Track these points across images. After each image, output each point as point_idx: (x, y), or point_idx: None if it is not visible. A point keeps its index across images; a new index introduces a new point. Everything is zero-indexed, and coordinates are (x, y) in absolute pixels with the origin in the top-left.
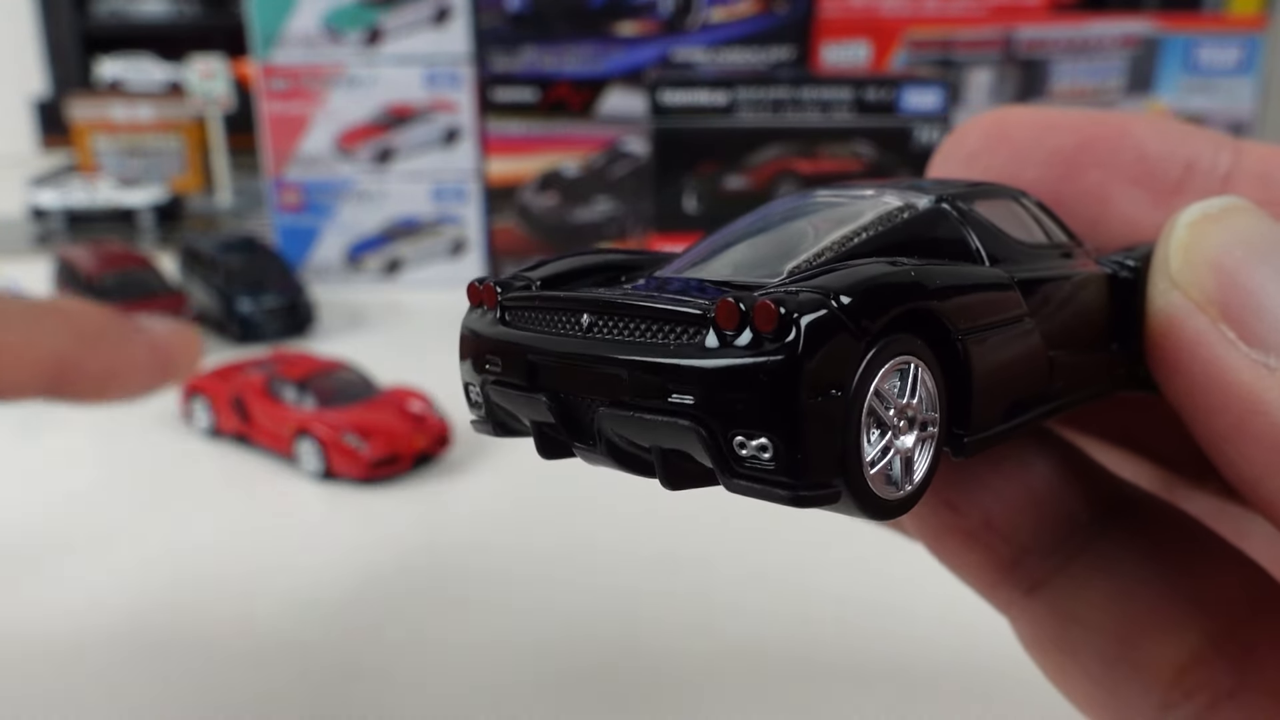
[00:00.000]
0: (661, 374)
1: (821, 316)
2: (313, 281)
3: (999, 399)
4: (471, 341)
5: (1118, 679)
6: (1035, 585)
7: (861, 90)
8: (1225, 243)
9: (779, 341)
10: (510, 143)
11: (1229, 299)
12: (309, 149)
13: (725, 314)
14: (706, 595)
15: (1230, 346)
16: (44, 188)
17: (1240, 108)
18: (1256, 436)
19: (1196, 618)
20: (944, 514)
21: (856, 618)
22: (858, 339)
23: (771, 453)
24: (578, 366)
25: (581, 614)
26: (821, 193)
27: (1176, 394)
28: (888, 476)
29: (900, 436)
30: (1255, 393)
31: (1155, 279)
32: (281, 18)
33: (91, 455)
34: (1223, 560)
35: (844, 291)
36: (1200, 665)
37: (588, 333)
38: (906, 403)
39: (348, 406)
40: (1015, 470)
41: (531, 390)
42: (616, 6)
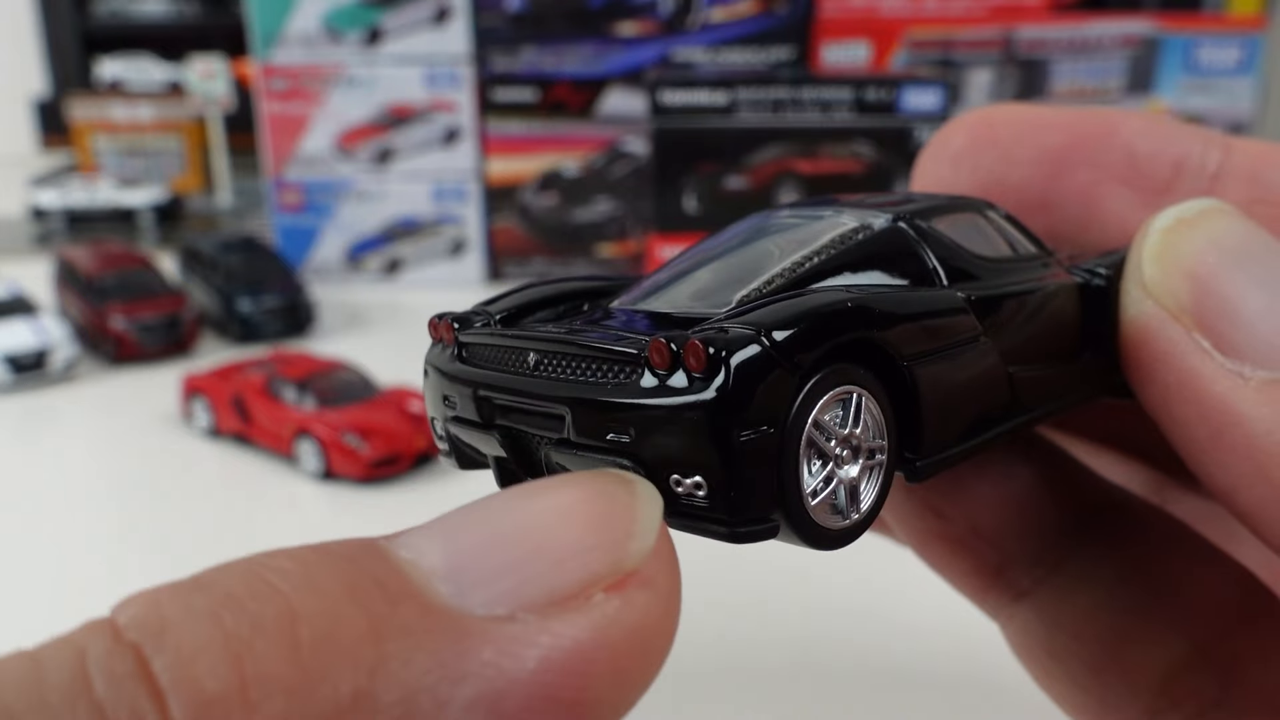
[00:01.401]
0: (600, 413)
1: (752, 355)
2: (313, 281)
3: (951, 422)
4: (432, 377)
5: (1105, 686)
6: (1023, 591)
7: (861, 90)
8: (1200, 249)
9: (708, 381)
10: (510, 143)
11: (1203, 307)
12: (309, 149)
13: (658, 354)
14: (707, 594)
15: (1205, 356)
16: (44, 188)
17: (1240, 108)
18: (1232, 447)
19: (1184, 625)
20: (931, 521)
21: (855, 619)
22: (791, 374)
23: (706, 491)
24: (525, 405)
25: None
26: (783, 213)
27: (1152, 404)
28: (833, 505)
29: (844, 466)
30: (1231, 403)
31: (1128, 287)
32: (281, 18)
33: (91, 455)
34: (1212, 566)
35: (776, 326)
36: (1187, 673)
37: (534, 371)
38: (849, 432)
39: (348, 406)
40: (1001, 477)
41: (484, 427)
42: (616, 6)
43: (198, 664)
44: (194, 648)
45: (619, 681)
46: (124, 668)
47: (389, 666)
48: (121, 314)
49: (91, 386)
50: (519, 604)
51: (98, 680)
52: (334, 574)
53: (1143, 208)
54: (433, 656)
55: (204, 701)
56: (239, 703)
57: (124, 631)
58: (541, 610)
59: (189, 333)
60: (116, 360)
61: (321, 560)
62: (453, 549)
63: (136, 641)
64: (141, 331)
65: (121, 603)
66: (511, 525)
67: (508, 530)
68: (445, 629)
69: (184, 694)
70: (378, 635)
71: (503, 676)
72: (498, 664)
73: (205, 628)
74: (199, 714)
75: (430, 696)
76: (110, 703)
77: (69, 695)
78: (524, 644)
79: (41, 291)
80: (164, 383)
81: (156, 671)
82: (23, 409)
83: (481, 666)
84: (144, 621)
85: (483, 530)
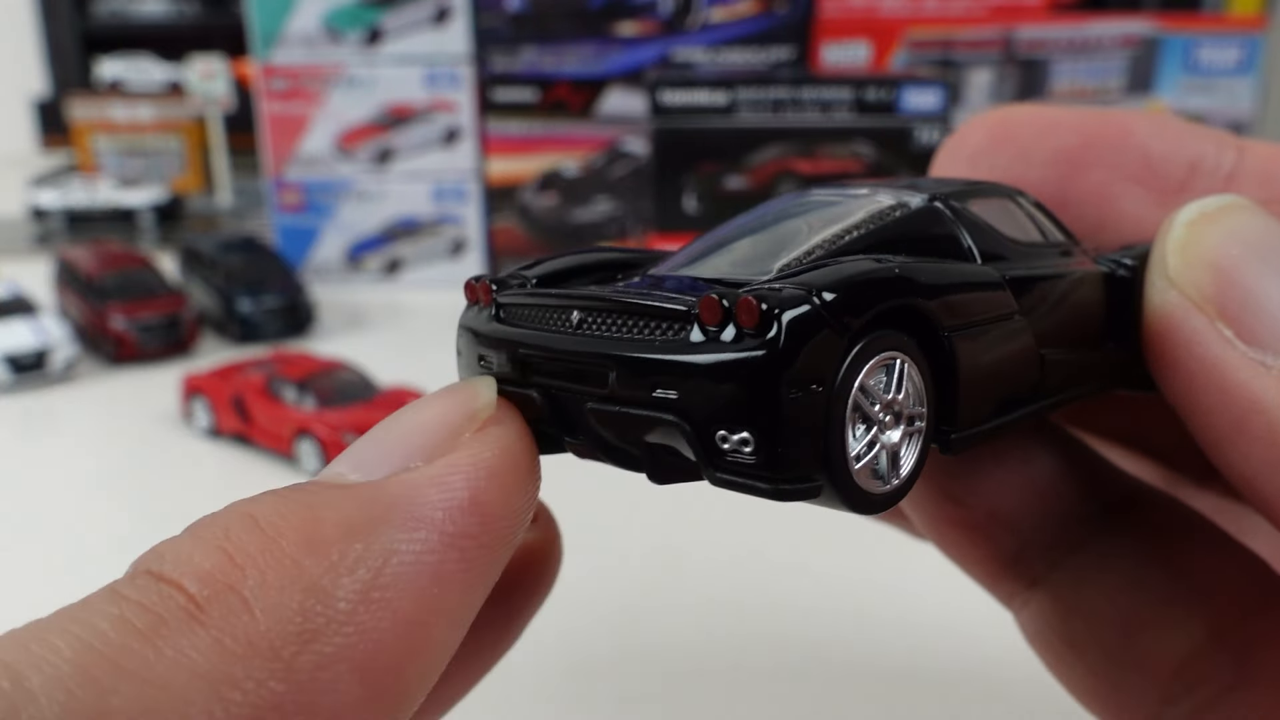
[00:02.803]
0: (646, 370)
1: (804, 313)
2: (313, 281)
3: (987, 396)
4: (467, 338)
5: (1119, 672)
6: (1038, 578)
7: (861, 90)
8: (1223, 241)
9: (760, 337)
10: (510, 143)
11: (1226, 298)
12: (309, 149)
13: (709, 310)
14: (708, 593)
15: (1228, 345)
16: (44, 188)
17: (1240, 108)
18: (1254, 435)
19: (1199, 612)
20: (947, 507)
21: (861, 614)
22: (840, 335)
23: (753, 447)
24: (567, 362)
25: (581, 614)
26: (817, 192)
27: (1174, 393)
28: (874, 471)
29: (886, 431)
30: (1253, 391)
31: (1153, 277)
32: (281, 18)
33: (91, 455)
34: (1226, 555)
35: (827, 288)
36: (1202, 659)
37: (578, 329)
38: (892, 398)
39: (348, 406)
40: (1019, 463)
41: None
42: (616, 6)
43: (194, 557)
44: (188, 552)
45: (500, 488)
46: (142, 580)
47: (328, 523)
48: (121, 314)
49: (91, 386)
50: (410, 462)
51: (127, 590)
52: (271, 494)
53: (1158, 208)
54: (361, 510)
55: (205, 574)
56: (232, 567)
57: (132, 570)
58: (428, 457)
59: (189, 333)
60: (116, 360)
61: (259, 494)
62: (353, 457)
63: (145, 568)
64: (141, 331)
65: None
66: (392, 427)
67: (391, 431)
68: (363, 491)
69: (190, 575)
70: (313, 509)
71: (414, 502)
72: (408, 497)
73: (191, 543)
74: (206, 581)
75: (370, 529)
76: (142, 597)
77: (111, 600)
78: (423, 479)
79: (41, 291)
80: (164, 383)
81: (165, 571)
82: (23, 409)
83: (393, 500)
84: (144, 559)
85: (372, 438)
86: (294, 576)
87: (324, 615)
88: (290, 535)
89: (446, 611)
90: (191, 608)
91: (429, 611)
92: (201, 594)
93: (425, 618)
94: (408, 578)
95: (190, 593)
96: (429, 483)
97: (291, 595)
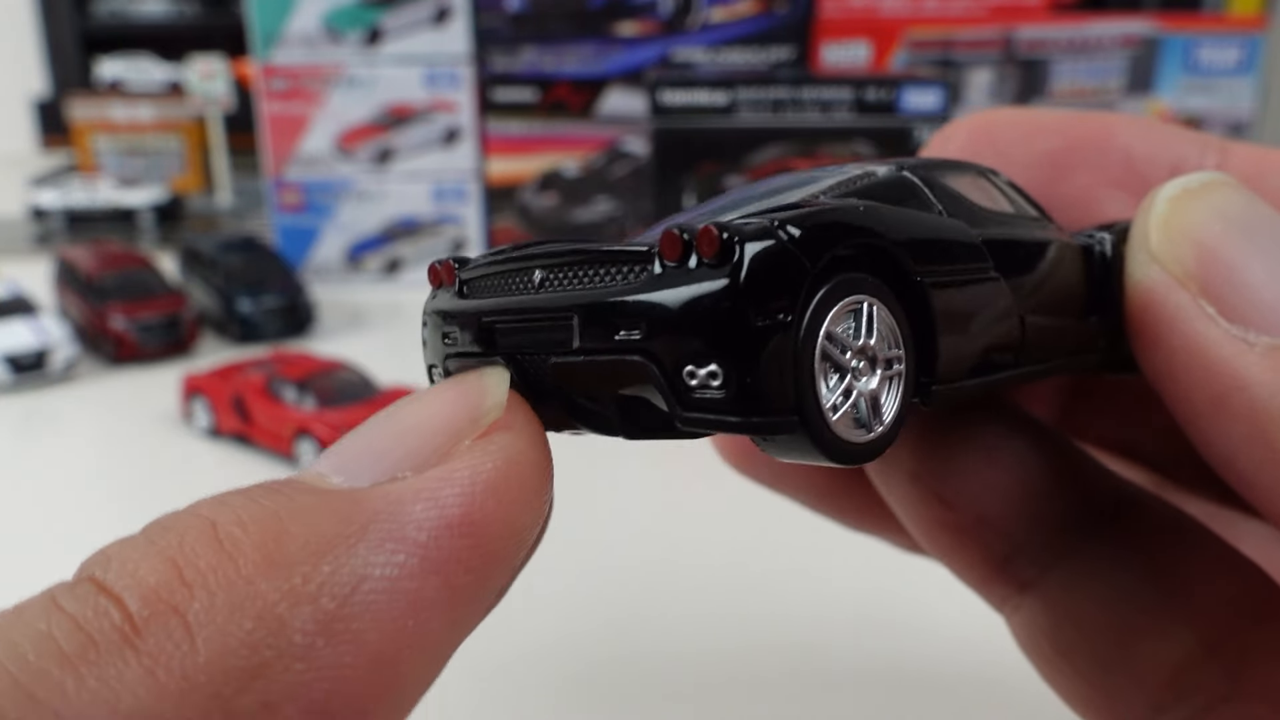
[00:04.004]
0: (609, 312)
1: (766, 242)
2: (313, 281)
3: (966, 349)
4: (432, 320)
5: (1112, 679)
6: (1029, 582)
7: (861, 90)
8: (1205, 218)
9: (722, 266)
10: (510, 143)
11: (1209, 274)
12: (309, 149)
13: (669, 244)
14: (705, 599)
15: (1210, 322)
16: (44, 188)
17: (1240, 108)
18: (1235, 412)
19: (1192, 620)
20: (937, 509)
21: (861, 619)
22: (804, 266)
23: (721, 380)
24: (530, 320)
25: (579, 616)
26: (803, 170)
27: (1156, 369)
28: (855, 419)
29: (862, 378)
30: (1234, 368)
31: (1134, 252)
32: (281, 18)
33: (91, 455)
34: (1221, 562)
35: (790, 221)
36: (1195, 667)
37: (540, 288)
38: (864, 344)
39: (348, 406)
40: (1009, 466)
41: (489, 354)
42: (616, 6)
43: (140, 569)
44: (135, 561)
45: (501, 504)
46: (83, 588)
47: (295, 539)
48: (121, 314)
49: (91, 386)
50: (399, 470)
51: (64, 600)
52: (241, 494)
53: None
54: (334, 524)
55: (150, 590)
56: (179, 584)
57: (78, 573)
58: (418, 467)
59: (189, 333)
60: (116, 360)
61: (230, 491)
62: (339, 456)
63: (89, 573)
64: (141, 331)
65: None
66: (386, 425)
67: (383, 429)
68: (341, 501)
69: (133, 589)
70: (281, 519)
71: (397, 518)
72: (389, 511)
73: (142, 549)
74: (147, 599)
75: (342, 547)
76: (77, 610)
77: (43, 611)
78: (410, 491)
79: (41, 291)
80: (164, 383)
81: (108, 581)
82: (23, 409)
83: (373, 514)
84: (92, 561)
85: (362, 436)
86: (246, 601)
87: (274, 649)
88: (249, 551)
89: (424, 645)
90: (127, 629)
91: (402, 646)
92: (141, 614)
93: (397, 653)
94: (379, 607)
95: (129, 611)
96: (415, 496)
97: (240, 623)
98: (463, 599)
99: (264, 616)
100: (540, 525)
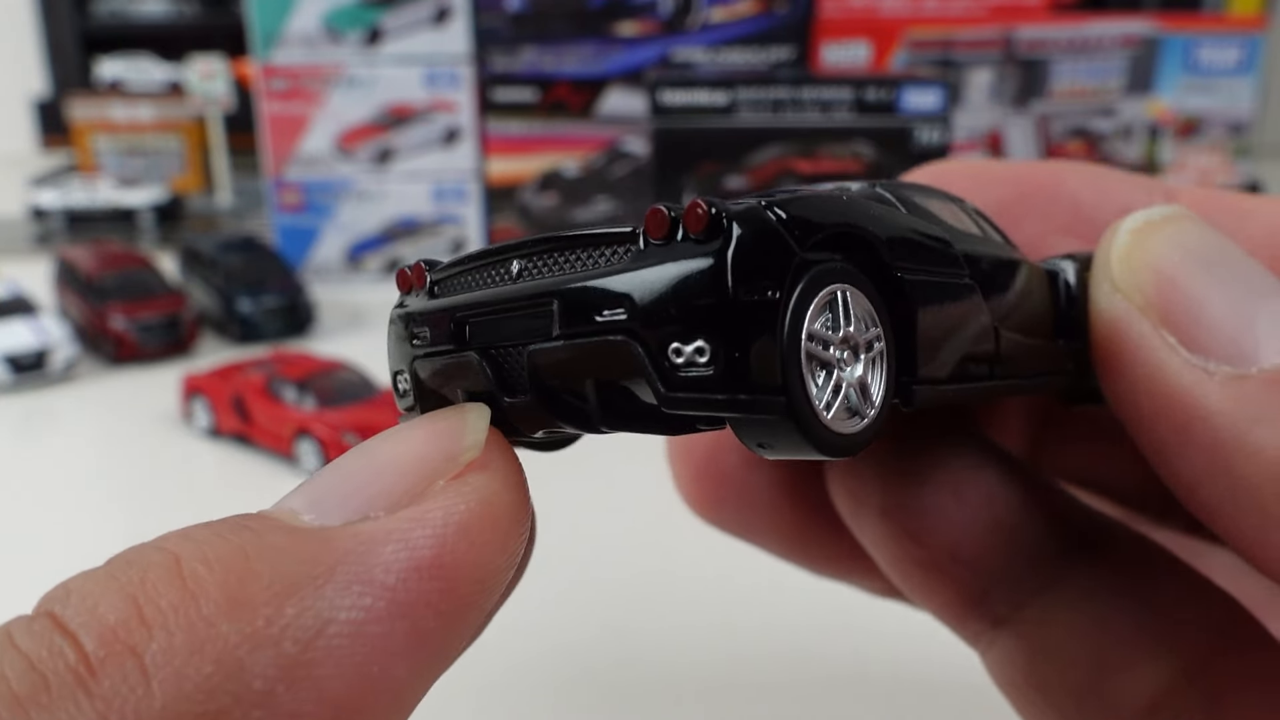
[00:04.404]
0: (592, 294)
1: (755, 221)
2: (313, 281)
3: (945, 351)
4: (398, 324)
5: (1089, 712)
6: (1003, 618)
7: (861, 90)
8: (1166, 250)
9: (711, 241)
10: (510, 143)
11: (1169, 304)
12: (309, 149)
13: (655, 222)
14: (697, 608)
15: (1171, 351)
16: (44, 188)
17: (1240, 108)
18: (1197, 441)
19: (1168, 651)
20: (909, 546)
21: (852, 629)
22: (791, 248)
23: (709, 355)
24: (507, 310)
25: (577, 619)
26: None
27: (1120, 399)
28: (848, 409)
29: (847, 369)
30: (1195, 397)
31: (1098, 283)
32: (281, 18)
33: (91, 455)
34: (1193, 591)
35: (778, 204)
36: (1172, 699)
37: (518, 278)
38: (844, 334)
39: (348, 406)
40: (980, 501)
41: (461, 349)
42: (616, 6)
43: (99, 606)
44: (95, 597)
45: (473, 547)
46: (40, 624)
47: (260, 579)
48: (121, 314)
49: (91, 386)
50: (371, 509)
51: (19, 637)
52: (209, 528)
53: None
54: (301, 564)
55: (107, 629)
56: (138, 624)
57: (37, 607)
58: (390, 508)
59: (189, 333)
60: (116, 360)
61: (198, 525)
62: (312, 492)
63: (47, 608)
64: (141, 331)
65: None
66: (360, 461)
67: (357, 466)
68: (310, 540)
69: (90, 628)
70: (247, 557)
71: (365, 560)
72: (358, 552)
73: (104, 584)
74: (105, 639)
75: (308, 589)
76: (31, 649)
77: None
78: (381, 531)
79: (41, 291)
80: (164, 383)
81: (66, 618)
82: (23, 409)
83: (344, 555)
84: (52, 595)
85: (336, 472)
86: (206, 643)
87: (232, 695)
88: (213, 590)
89: (389, 692)
90: (82, 671)
91: (366, 693)
92: (97, 655)
93: (361, 700)
94: (344, 652)
95: (85, 651)
96: (386, 537)
97: (199, 666)
98: (431, 644)
99: (223, 660)
100: (512, 567)
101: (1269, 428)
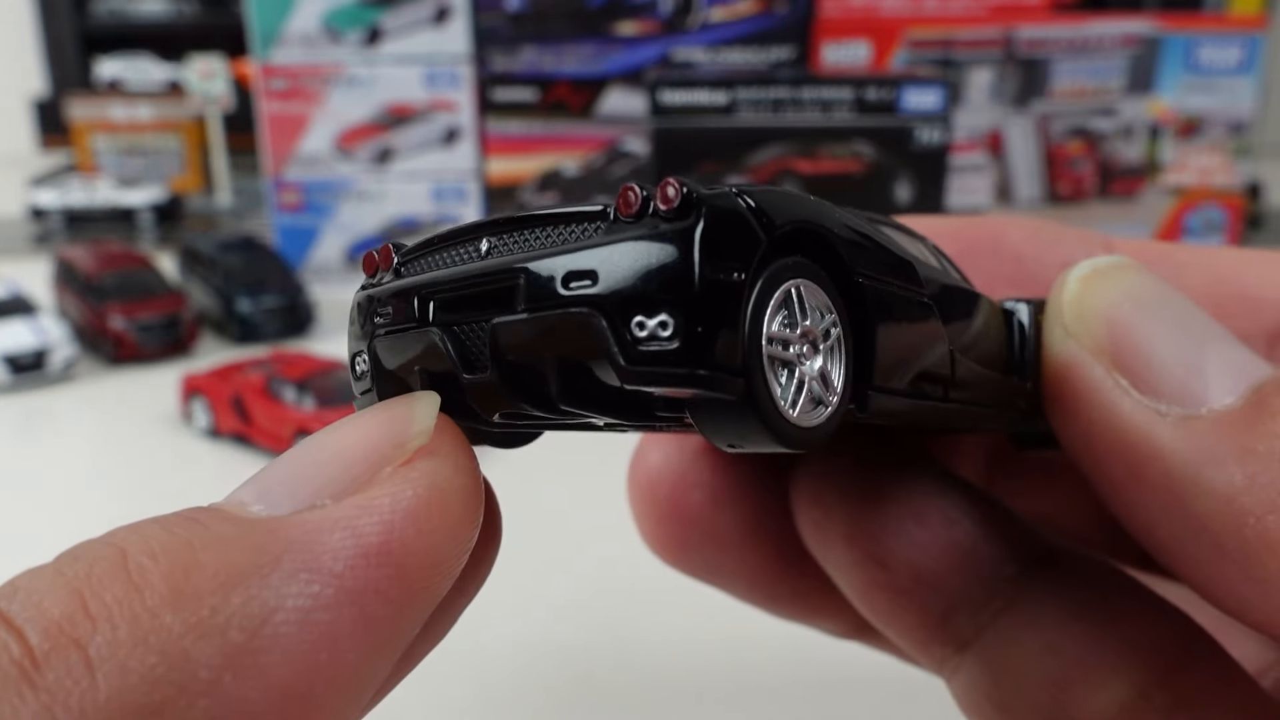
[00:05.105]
0: (558, 268)
1: (724, 202)
2: (313, 281)
3: (900, 359)
4: (361, 305)
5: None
6: (968, 641)
7: (861, 90)
8: (1115, 296)
9: (681, 220)
10: (510, 143)
11: (1120, 348)
12: (309, 149)
13: (626, 200)
14: (703, 610)
15: (1123, 393)
16: (43, 188)
17: (1240, 108)
18: (1151, 481)
19: (1127, 667)
20: (872, 570)
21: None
22: (757, 235)
23: (671, 330)
24: (472, 285)
25: (574, 620)
26: None
27: (1074, 441)
28: (813, 399)
29: (807, 362)
30: (1148, 438)
31: (1050, 327)
32: (281, 18)
33: (91, 455)
34: (1150, 609)
35: (748, 193)
36: (1132, 715)
37: (487, 256)
38: (802, 330)
39: (347, 406)
40: (941, 524)
41: (422, 325)
42: (616, 6)
43: (44, 600)
44: (41, 592)
45: (421, 533)
46: None
47: (206, 570)
48: (121, 314)
49: (91, 386)
50: (319, 498)
51: None
52: (157, 523)
53: None
54: (248, 554)
55: (52, 623)
56: (83, 617)
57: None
58: (338, 495)
59: (188, 333)
60: (116, 360)
61: (148, 519)
62: (261, 483)
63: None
64: (141, 331)
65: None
66: (307, 452)
67: (305, 457)
68: (257, 530)
69: (35, 622)
70: (193, 549)
71: (312, 548)
72: (305, 541)
73: (50, 579)
74: (49, 633)
75: (254, 578)
76: None
77: None
78: (328, 519)
79: (41, 291)
80: (164, 383)
81: (12, 613)
82: (22, 409)
83: (291, 544)
84: (2, 589)
85: (285, 463)
86: (150, 634)
87: (176, 685)
88: (158, 582)
89: (339, 679)
90: (26, 664)
91: (315, 681)
92: (41, 648)
93: (309, 689)
94: (291, 639)
95: (29, 644)
96: (333, 525)
97: (143, 658)
98: (380, 630)
99: (168, 651)
100: (464, 554)
101: (1220, 467)
